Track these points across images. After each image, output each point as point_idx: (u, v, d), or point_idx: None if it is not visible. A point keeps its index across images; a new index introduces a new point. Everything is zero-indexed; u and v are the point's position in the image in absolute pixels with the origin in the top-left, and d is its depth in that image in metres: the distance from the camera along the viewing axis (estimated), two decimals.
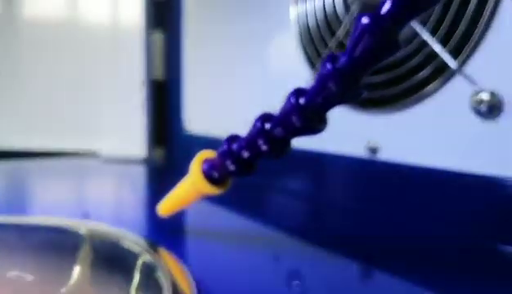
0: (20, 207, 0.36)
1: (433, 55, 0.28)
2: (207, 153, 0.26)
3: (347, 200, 0.35)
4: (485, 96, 0.26)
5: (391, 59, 0.30)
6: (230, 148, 0.24)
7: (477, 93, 0.26)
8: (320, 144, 0.36)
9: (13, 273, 0.23)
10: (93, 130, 0.67)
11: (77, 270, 0.23)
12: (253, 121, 0.22)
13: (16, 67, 0.70)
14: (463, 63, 0.27)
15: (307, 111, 0.20)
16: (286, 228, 0.32)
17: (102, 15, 0.67)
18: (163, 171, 0.59)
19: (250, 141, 0.22)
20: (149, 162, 0.62)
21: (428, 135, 0.29)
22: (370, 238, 0.29)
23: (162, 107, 0.62)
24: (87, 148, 0.67)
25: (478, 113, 0.26)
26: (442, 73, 0.28)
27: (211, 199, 0.29)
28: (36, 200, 0.42)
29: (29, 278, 0.23)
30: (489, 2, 0.25)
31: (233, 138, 0.24)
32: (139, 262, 0.22)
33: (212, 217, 0.34)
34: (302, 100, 0.20)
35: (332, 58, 0.19)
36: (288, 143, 0.22)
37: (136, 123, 0.62)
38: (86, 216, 0.33)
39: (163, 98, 0.62)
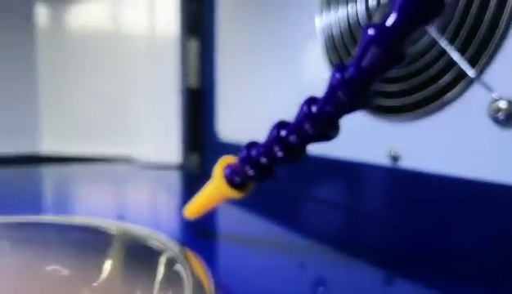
0: (59, 208, 0.39)
1: (452, 63, 0.28)
2: (229, 159, 0.27)
3: (370, 207, 0.36)
4: (502, 105, 0.26)
5: (411, 67, 0.31)
6: (249, 154, 0.25)
7: (494, 101, 0.26)
8: (342, 152, 0.37)
9: (50, 267, 0.25)
10: (130, 136, 0.70)
11: (108, 266, 0.25)
12: (270, 128, 0.24)
13: (60, 75, 0.74)
14: (481, 71, 0.27)
15: (319, 119, 0.21)
16: (308, 234, 0.33)
17: (140, 24, 0.70)
18: (198, 176, 0.61)
19: (267, 147, 0.24)
20: (184, 167, 0.64)
21: (448, 143, 0.29)
22: (393, 246, 0.30)
23: (197, 114, 0.64)
24: (124, 154, 0.70)
25: (496, 121, 0.26)
26: (460, 81, 0.28)
27: (239, 204, 0.31)
28: (74, 202, 0.45)
29: (65, 272, 0.25)
30: (506, 9, 0.26)
31: (252, 144, 0.25)
32: (163, 259, 0.24)
33: (240, 222, 0.36)
34: (314, 109, 0.21)
35: (341, 68, 0.20)
36: (303, 149, 0.24)
37: (172, 130, 0.65)
38: (120, 217, 0.36)
39: (198, 105, 0.64)
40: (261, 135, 0.28)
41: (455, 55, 0.28)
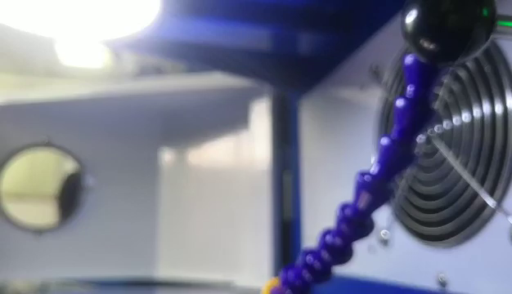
0: None
1: (475, 194, 0.31)
2: (275, 281, 0.32)
3: None
4: None
5: (440, 201, 0.34)
6: (287, 277, 0.30)
7: None
8: (393, 276, 0.39)
9: None
10: (232, 263, 0.77)
11: None
12: (300, 257, 0.29)
13: (176, 207, 0.86)
14: (500, 199, 0.30)
15: (332, 247, 0.26)
16: None
17: (241, 161, 0.81)
18: None
19: (299, 272, 0.29)
20: None
21: (482, 267, 0.31)
22: None
23: (286, 242, 0.70)
24: (226, 280, 0.76)
25: None
26: (483, 210, 0.31)
27: None
28: None
29: None
30: (510, 136, 0.29)
31: (288, 268, 0.30)
32: None
33: None
34: (328, 238, 0.26)
35: (343, 206, 0.25)
36: (327, 273, 0.28)
37: (264, 257, 0.70)
38: None
39: (288, 234, 0.70)
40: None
41: (476, 188, 0.31)
